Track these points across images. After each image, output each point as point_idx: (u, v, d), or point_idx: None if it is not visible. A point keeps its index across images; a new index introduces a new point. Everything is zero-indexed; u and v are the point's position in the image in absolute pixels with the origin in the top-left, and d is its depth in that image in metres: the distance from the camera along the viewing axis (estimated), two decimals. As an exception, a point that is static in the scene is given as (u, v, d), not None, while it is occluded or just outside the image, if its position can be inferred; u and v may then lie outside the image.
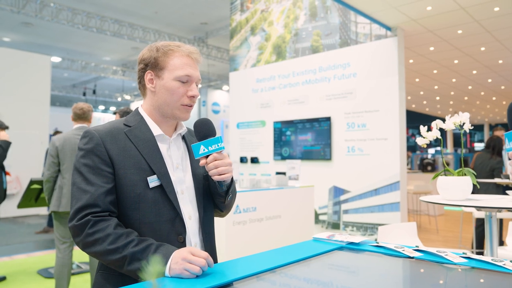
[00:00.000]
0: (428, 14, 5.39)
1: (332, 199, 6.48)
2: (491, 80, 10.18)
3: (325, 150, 6.52)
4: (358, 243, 1.54)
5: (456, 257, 1.33)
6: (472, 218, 6.25)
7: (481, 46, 7.08)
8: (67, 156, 3.36)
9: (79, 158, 1.25)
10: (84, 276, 4.37)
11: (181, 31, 13.70)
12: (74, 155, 3.36)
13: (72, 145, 3.39)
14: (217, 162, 1.27)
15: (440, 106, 14.90)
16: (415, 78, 9.74)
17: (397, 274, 1.30)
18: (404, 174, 5.80)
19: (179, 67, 1.30)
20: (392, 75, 5.77)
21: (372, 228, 5.96)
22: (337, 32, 6.55)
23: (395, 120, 5.72)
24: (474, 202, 2.17)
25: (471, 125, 2.31)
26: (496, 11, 5.37)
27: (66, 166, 3.36)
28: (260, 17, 7.70)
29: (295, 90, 6.99)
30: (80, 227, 1.16)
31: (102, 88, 21.93)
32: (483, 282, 1.18)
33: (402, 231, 2.89)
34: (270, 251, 1.40)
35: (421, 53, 7.48)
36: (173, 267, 1.07)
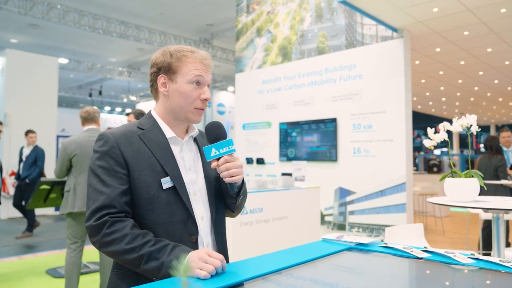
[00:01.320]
0: (434, 16, 5.39)
1: (338, 200, 6.49)
2: (497, 81, 10.15)
3: (331, 151, 6.53)
4: (366, 244, 1.56)
5: (464, 258, 1.35)
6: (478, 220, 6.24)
7: (487, 47, 7.06)
8: (80, 159, 3.41)
9: (94, 160, 1.28)
10: (92, 276, 4.42)
11: (187, 32, 13.76)
12: (87, 156, 3.42)
13: (84, 148, 3.45)
14: (228, 165, 1.30)
15: (446, 107, 14.85)
16: (421, 79, 9.72)
17: (406, 275, 1.32)
18: (410, 175, 5.80)
19: (192, 70, 1.34)
20: (398, 76, 5.77)
21: (378, 229, 5.96)
22: (343, 34, 6.57)
23: (401, 122, 5.72)
24: (482, 203, 2.18)
25: (478, 127, 2.32)
26: (503, 12, 5.36)
27: (79, 168, 3.42)
28: (266, 18, 7.73)
29: (301, 92, 7.01)
30: (97, 227, 1.19)
31: (108, 89, 22.05)
32: (491, 283, 1.20)
33: (409, 233, 2.90)
34: (280, 251, 1.42)
35: (427, 55, 7.47)
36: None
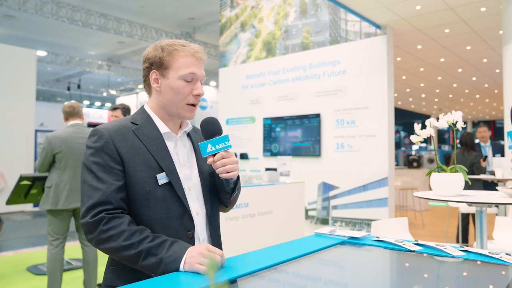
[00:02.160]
0: (417, 13, 5.48)
1: (321, 195, 6.56)
2: (475, 78, 10.41)
3: (315, 147, 6.59)
4: (359, 237, 1.58)
5: (455, 250, 1.38)
6: (456, 213, 6.39)
7: (467, 45, 7.23)
8: (65, 155, 3.34)
9: (88, 156, 1.25)
10: (75, 272, 4.34)
11: (168, 26, 13.59)
12: (73, 153, 3.35)
13: (69, 143, 3.37)
14: (225, 160, 1.29)
15: (425, 103, 15.15)
16: (402, 75, 9.88)
17: (400, 268, 1.35)
18: (392, 170, 5.91)
19: (184, 65, 1.31)
20: (381, 73, 5.85)
21: (360, 224, 6.06)
22: (327, 30, 6.61)
23: (383, 117, 5.81)
24: (466, 198, 2.24)
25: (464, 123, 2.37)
26: (483, 11, 5.49)
27: (64, 164, 3.34)
28: (250, 13, 7.71)
29: (285, 87, 7.03)
30: (94, 224, 1.17)
31: (87, 82, 21.63)
32: (482, 274, 1.23)
33: (394, 226, 2.96)
34: (273, 246, 1.43)
35: (409, 51, 7.60)
36: (188, 260, 1.10)
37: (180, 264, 1.10)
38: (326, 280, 1.21)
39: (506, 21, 4.90)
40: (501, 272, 1.19)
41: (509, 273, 1.15)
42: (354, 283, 1.18)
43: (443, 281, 1.19)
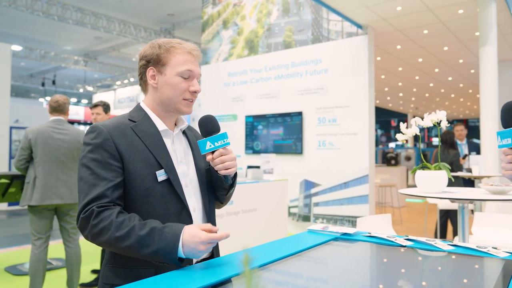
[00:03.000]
0: (397, 14, 5.59)
1: (303, 192, 6.62)
2: (451, 78, 10.71)
3: (297, 144, 6.64)
4: (352, 234, 1.62)
5: (445, 245, 1.44)
6: (434, 210, 6.57)
7: (444, 46, 7.43)
8: (41, 149, 3.26)
9: (86, 153, 1.24)
10: (57, 272, 4.26)
11: (147, 22, 13.41)
12: (49, 148, 3.27)
13: (46, 138, 3.29)
14: (224, 157, 1.32)
15: (403, 102, 15.49)
16: (381, 75, 10.07)
17: (394, 262, 1.39)
18: (373, 167, 6.02)
19: (181, 62, 1.33)
20: (362, 72, 5.95)
21: (341, 220, 6.15)
22: (309, 29, 6.67)
23: (364, 116, 5.91)
24: (449, 194, 2.32)
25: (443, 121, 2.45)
26: (460, 13, 5.66)
27: (39, 159, 3.26)
28: (233, 11, 7.69)
29: (267, 85, 7.06)
30: (85, 219, 1.16)
31: (62, 78, 21.12)
32: (472, 267, 1.29)
33: (378, 222, 3.03)
34: (268, 244, 1.45)
35: (388, 51, 7.75)
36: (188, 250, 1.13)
37: (176, 254, 1.11)
38: (326, 276, 1.24)
39: (482, 23, 5.06)
40: (490, 264, 1.24)
41: (498, 265, 1.20)
42: (354, 277, 1.21)
43: (437, 273, 1.24)
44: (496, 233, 2.89)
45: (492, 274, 1.16)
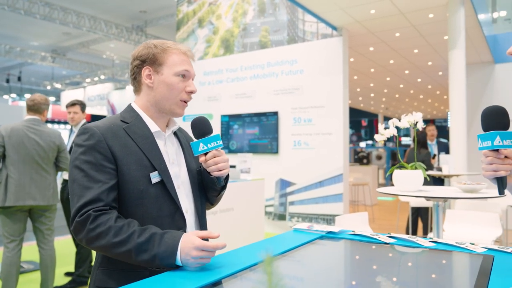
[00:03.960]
0: (371, 17, 5.73)
1: (279, 191, 6.68)
2: (420, 80, 11.06)
3: (272, 144, 6.69)
4: (336, 232, 1.66)
5: (426, 241, 1.50)
6: (404, 207, 6.77)
7: (414, 48, 7.67)
8: (14, 148, 3.15)
9: (79, 155, 1.22)
10: (29, 275, 4.12)
11: (119, 18, 13.13)
12: (22, 147, 3.17)
13: (20, 137, 3.19)
14: (217, 159, 1.33)
15: (374, 102, 15.86)
16: (354, 76, 10.28)
17: (380, 259, 1.43)
18: (347, 167, 6.15)
19: (178, 63, 1.34)
20: (337, 73, 6.06)
21: (316, 219, 6.25)
22: (285, 29, 6.73)
23: (339, 116, 6.03)
24: (425, 193, 2.41)
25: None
26: (431, 17, 5.86)
27: (12, 158, 3.15)
28: (208, 9, 7.66)
29: (243, 85, 7.07)
30: (81, 223, 1.14)
31: (28, 75, 20.40)
32: (453, 262, 1.36)
33: (356, 220, 3.11)
34: (254, 244, 1.46)
35: (361, 53, 7.92)
36: (184, 258, 1.11)
37: (175, 260, 1.10)
38: (316, 273, 1.27)
39: (451, 27, 5.26)
40: (469, 259, 1.31)
41: (477, 260, 1.27)
42: (345, 274, 1.25)
43: (422, 269, 1.30)
44: (467, 229, 3.02)
45: (473, 269, 1.22)
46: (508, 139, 1.08)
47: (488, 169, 1.11)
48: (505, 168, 1.09)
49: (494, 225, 2.98)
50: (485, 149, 1.15)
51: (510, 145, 1.08)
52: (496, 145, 1.09)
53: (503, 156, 1.10)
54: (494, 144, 1.09)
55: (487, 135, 1.12)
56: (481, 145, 1.16)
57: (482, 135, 1.16)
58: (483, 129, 1.16)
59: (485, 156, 1.14)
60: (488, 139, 1.11)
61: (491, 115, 1.12)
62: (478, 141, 1.18)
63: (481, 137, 1.16)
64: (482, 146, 1.16)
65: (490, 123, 1.11)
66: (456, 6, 5.19)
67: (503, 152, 1.10)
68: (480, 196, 2.25)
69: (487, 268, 1.17)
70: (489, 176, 1.12)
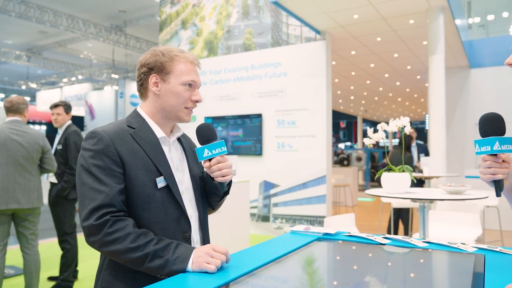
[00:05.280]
0: (354, 22, 5.85)
1: (263, 193, 6.72)
2: (399, 83, 11.32)
3: (256, 146, 6.73)
4: (333, 233, 1.71)
5: (419, 242, 1.56)
6: (385, 208, 6.92)
7: (395, 53, 7.86)
8: None
9: (87, 158, 1.23)
10: (11, 280, 4.01)
11: (97, 17, 12.93)
12: (5, 149, 3.10)
13: (4, 139, 3.12)
14: (221, 165, 1.36)
15: (353, 105, 16.12)
16: (335, 78, 10.44)
17: (378, 259, 1.49)
18: (330, 168, 6.24)
19: (185, 72, 1.36)
20: (320, 76, 6.15)
21: (300, 220, 6.32)
22: (269, 32, 6.78)
23: (322, 118, 6.12)
24: (412, 194, 2.49)
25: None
26: (411, 23, 6.02)
27: (-5, 161, 3.08)
28: (192, 11, 7.64)
29: (227, 87, 7.09)
30: (98, 226, 1.16)
31: (2, 74, 19.84)
32: (448, 261, 1.42)
33: (344, 221, 3.17)
34: (253, 247, 1.48)
35: (343, 56, 8.06)
36: (196, 260, 1.13)
37: (187, 264, 1.13)
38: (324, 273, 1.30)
39: (431, 33, 5.43)
40: (462, 258, 1.38)
41: (470, 259, 1.33)
42: (349, 274, 1.29)
43: (419, 268, 1.35)
44: (450, 229, 3.13)
45: (467, 268, 1.28)
46: (506, 144, 1.13)
47: (486, 173, 1.16)
48: (502, 171, 1.14)
49: (475, 225, 3.10)
50: (483, 154, 1.19)
51: (508, 150, 1.13)
52: (495, 150, 1.13)
53: (501, 160, 1.15)
54: (494, 149, 1.13)
55: (486, 141, 1.16)
56: (479, 150, 1.20)
57: (480, 141, 1.19)
58: (481, 135, 1.20)
59: (483, 160, 1.18)
60: (487, 144, 1.15)
61: (490, 122, 1.16)
62: (476, 146, 1.21)
63: (479, 142, 1.19)
64: (480, 150, 1.19)
65: (488, 129, 1.16)
66: (436, 13, 5.36)
67: (501, 157, 1.15)
68: (465, 197, 2.34)
69: (480, 267, 1.23)
70: (488, 179, 1.17)
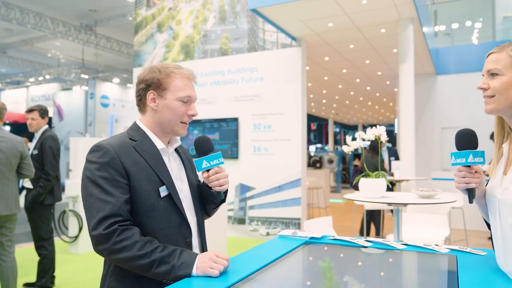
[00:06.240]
0: (329, 30, 6.05)
1: (239, 195, 6.81)
2: (369, 88, 11.69)
3: (233, 149, 6.81)
4: (319, 237, 1.83)
5: (398, 244, 1.70)
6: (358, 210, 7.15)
7: (366, 59, 8.15)
8: None
9: (94, 171, 1.29)
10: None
11: (66, 16, 12.62)
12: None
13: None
14: (218, 175, 1.46)
15: (325, 108, 16.46)
16: (309, 83, 10.66)
17: (362, 260, 1.62)
18: (305, 171, 6.41)
19: (181, 88, 1.43)
20: (295, 81, 6.31)
21: (275, 222, 6.45)
22: (245, 37, 6.88)
23: (297, 123, 6.28)
24: (388, 199, 2.65)
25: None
26: (383, 32, 6.29)
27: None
28: (168, 14, 7.64)
29: (204, 90, 7.13)
30: (107, 235, 1.22)
31: (-37, 73, 19.00)
32: (424, 261, 1.56)
33: (322, 224, 3.31)
34: (244, 253, 1.55)
35: (317, 62, 8.27)
36: (200, 265, 1.22)
37: (192, 269, 1.22)
38: (318, 275, 1.41)
39: (401, 42, 5.69)
40: (437, 259, 1.52)
41: (444, 260, 1.48)
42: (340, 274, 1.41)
43: (399, 268, 1.49)
44: (421, 230, 3.32)
45: (442, 267, 1.43)
46: (478, 157, 1.28)
47: (461, 182, 1.30)
48: (475, 181, 1.29)
49: (443, 226, 3.31)
50: (459, 165, 1.34)
51: (480, 162, 1.28)
52: (469, 162, 1.28)
53: (474, 171, 1.30)
54: (468, 161, 1.28)
55: (461, 153, 1.30)
56: (454, 161, 1.35)
57: (456, 153, 1.34)
58: (457, 148, 1.35)
59: (458, 171, 1.32)
60: (462, 156, 1.30)
61: (465, 137, 1.31)
62: (452, 157, 1.36)
63: (455, 155, 1.34)
64: (456, 162, 1.34)
65: (463, 143, 1.30)
66: (405, 23, 5.63)
67: (474, 168, 1.30)
68: (436, 201, 2.52)
69: (454, 266, 1.37)
70: (462, 187, 1.31)
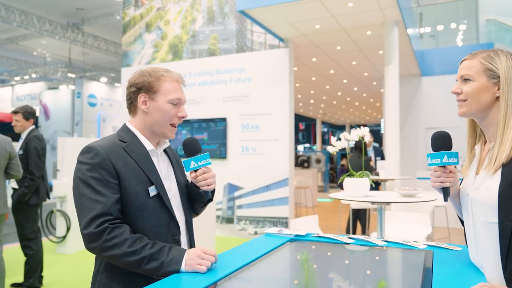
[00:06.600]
0: (316, 31, 6.14)
1: (227, 195, 6.87)
2: (356, 88, 11.84)
3: (221, 149, 6.86)
4: (303, 235, 1.89)
5: (379, 241, 1.78)
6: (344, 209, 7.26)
7: (353, 60, 8.27)
8: None
9: (85, 171, 1.34)
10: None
11: (53, 14, 12.51)
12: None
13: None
14: (206, 175, 1.52)
15: (313, 108, 16.59)
16: (296, 83, 10.76)
17: (345, 256, 1.69)
18: (292, 171, 6.49)
19: (171, 91, 1.49)
20: (283, 82, 6.39)
21: (263, 221, 6.52)
22: (234, 38, 6.94)
23: (285, 123, 6.36)
24: (371, 197, 2.74)
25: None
26: (369, 34, 6.40)
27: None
28: (156, 14, 7.65)
29: (192, 91, 7.17)
30: (98, 233, 1.27)
31: None
32: (402, 257, 1.64)
33: (308, 222, 3.39)
34: (230, 251, 1.61)
35: (304, 63, 8.37)
36: (188, 262, 1.28)
37: (180, 266, 1.27)
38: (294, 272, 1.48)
39: (387, 44, 5.81)
40: (414, 254, 1.60)
41: (421, 255, 1.56)
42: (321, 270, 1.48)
43: (379, 263, 1.57)
44: (404, 228, 3.42)
45: (419, 262, 1.51)
46: (453, 157, 1.35)
47: (436, 181, 1.38)
48: (450, 180, 1.37)
49: (425, 224, 3.42)
50: (434, 165, 1.41)
51: (454, 162, 1.36)
52: (444, 162, 1.35)
53: (448, 170, 1.37)
54: (443, 162, 1.36)
55: (437, 154, 1.38)
56: (430, 162, 1.42)
57: (432, 154, 1.41)
58: (433, 149, 1.42)
59: (434, 171, 1.40)
60: (437, 157, 1.37)
61: (440, 138, 1.39)
62: (428, 158, 1.43)
63: (431, 156, 1.41)
64: (432, 162, 1.42)
65: (439, 145, 1.38)
66: (391, 26, 5.75)
67: (449, 168, 1.38)
68: (418, 200, 2.62)
69: (429, 261, 1.45)
70: (437, 186, 1.39)
